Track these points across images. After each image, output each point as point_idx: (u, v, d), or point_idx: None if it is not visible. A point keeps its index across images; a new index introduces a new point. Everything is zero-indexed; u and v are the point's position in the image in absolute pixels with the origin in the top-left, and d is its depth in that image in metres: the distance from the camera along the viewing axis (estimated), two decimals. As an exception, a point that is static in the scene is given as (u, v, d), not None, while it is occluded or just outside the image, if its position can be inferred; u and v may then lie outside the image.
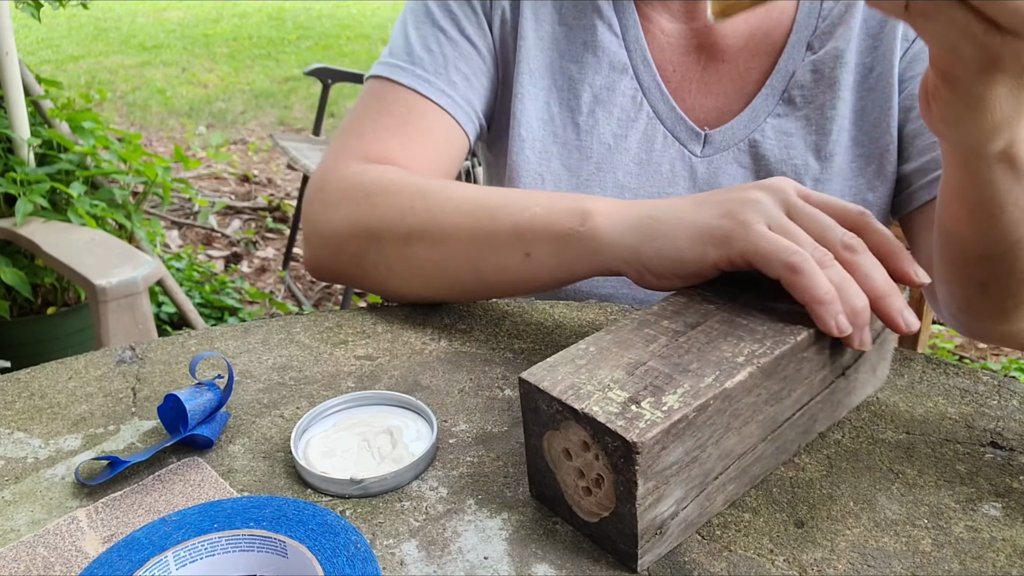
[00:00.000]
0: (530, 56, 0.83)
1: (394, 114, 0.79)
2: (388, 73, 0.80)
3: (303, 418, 0.56)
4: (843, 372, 0.53)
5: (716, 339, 0.48)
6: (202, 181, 3.93)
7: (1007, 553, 0.45)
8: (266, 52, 7.06)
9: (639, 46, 0.81)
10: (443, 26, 0.82)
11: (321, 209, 0.74)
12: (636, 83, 0.82)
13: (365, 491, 0.50)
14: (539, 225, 0.64)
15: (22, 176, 1.94)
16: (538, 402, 0.46)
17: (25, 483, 0.52)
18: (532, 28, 0.83)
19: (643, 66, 0.82)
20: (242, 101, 5.51)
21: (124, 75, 6.25)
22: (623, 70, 0.81)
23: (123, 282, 1.58)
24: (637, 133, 0.82)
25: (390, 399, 0.58)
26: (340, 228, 0.73)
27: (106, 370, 0.65)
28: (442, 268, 0.69)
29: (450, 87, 0.80)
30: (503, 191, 0.69)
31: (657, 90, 0.81)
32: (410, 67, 0.80)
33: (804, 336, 0.48)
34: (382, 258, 0.72)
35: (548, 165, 0.83)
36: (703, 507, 0.46)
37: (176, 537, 0.45)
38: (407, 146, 0.78)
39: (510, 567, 0.44)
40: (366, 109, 0.80)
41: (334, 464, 0.52)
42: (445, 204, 0.68)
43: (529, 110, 0.83)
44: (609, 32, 0.81)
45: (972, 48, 0.45)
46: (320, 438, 0.55)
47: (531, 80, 0.83)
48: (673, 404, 0.42)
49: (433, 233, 0.68)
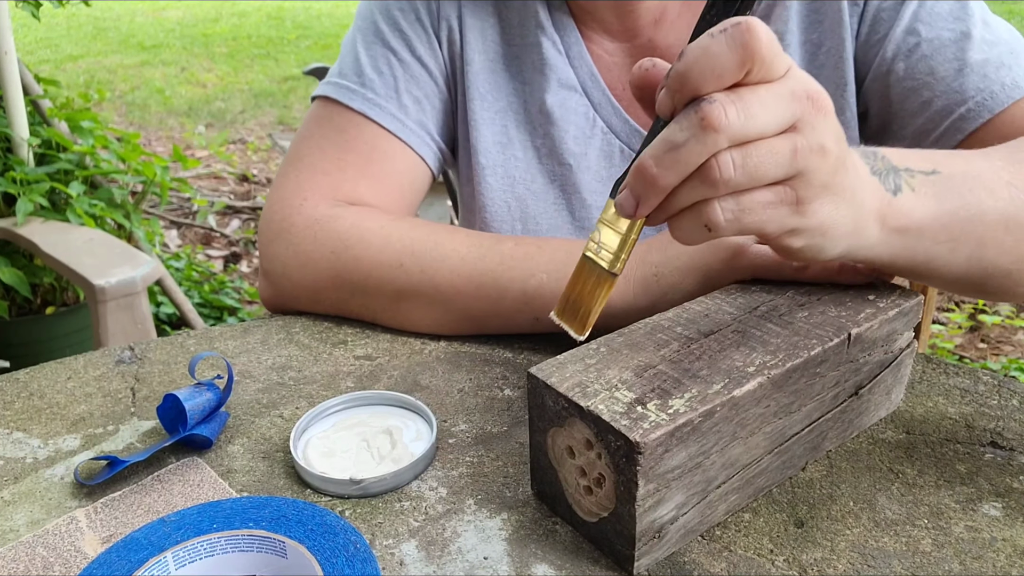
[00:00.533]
0: (479, 80, 0.80)
1: (358, 151, 0.76)
2: (338, 95, 0.78)
3: (302, 418, 0.55)
4: (856, 392, 0.53)
5: (728, 348, 0.48)
6: (201, 181, 3.93)
7: (1007, 553, 0.45)
8: (265, 52, 7.06)
9: (584, 62, 0.79)
10: (394, 46, 0.79)
11: (290, 253, 0.72)
12: (587, 100, 0.79)
13: (364, 491, 0.50)
14: (548, 294, 0.63)
15: (21, 176, 1.94)
16: (544, 398, 0.46)
17: (24, 483, 0.52)
18: (479, 51, 0.80)
19: (591, 82, 0.79)
20: (241, 101, 5.51)
21: (123, 75, 6.24)
22: (572, 87, 0.79)
23: (122, 282, 1.58)
24: (595, 150, 0.80)
25: (389, 399, 0.58)
26: (318, 279, 0.71)
27: (105, 370, 0.65)
28: (439, 323, 0.69)
29: (401, 111, 0.78)
30: (496, 248, 0.67)
31: (608, 105, 0.79)
32: (360, 89, 0.78)
33: (818, 351, 0.48)
34: (366, 310, 0.71)
35: (513, 191, 0.81)
36: (704, 514, 0.46)
37: (175, 537, 0.45)
38: (376, 188, 0.76)
39: (510, 567, 0.44)
40: (324, 140, 0.77)
41: (333, 464, 0.52)
42: (440, 264, 0.67)
43: (486, 136, 0.81)
44: (554, 49, 0.79)
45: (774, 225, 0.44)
46: (319, 438, 0.55)
47: (483, 105, 0.81)
48: (679, 408, 0.42)
49: (428, 293, 0.67)
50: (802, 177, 0.42)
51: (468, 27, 0.80)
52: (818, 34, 0.74)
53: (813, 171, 0.42)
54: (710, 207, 0.42)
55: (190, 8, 9.59)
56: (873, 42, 0.72)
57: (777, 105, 0.41)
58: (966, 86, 0.66)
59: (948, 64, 0.67)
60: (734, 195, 0.42)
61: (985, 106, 0.65)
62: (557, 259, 0.64)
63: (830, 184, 0.44)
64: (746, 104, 0.40)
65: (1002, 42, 0.68)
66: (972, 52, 0.67)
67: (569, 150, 0.80)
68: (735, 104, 0.40)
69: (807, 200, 0.43)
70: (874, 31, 0.72)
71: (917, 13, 0.69)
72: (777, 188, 0.43)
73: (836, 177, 0.44)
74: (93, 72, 6.30)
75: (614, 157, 0.80)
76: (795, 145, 0.41)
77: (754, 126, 0.40)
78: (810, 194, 0.43)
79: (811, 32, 0.74)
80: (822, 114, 0.42)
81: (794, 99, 0.41)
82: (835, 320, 0.51)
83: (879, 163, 0.50)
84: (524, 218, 0.81)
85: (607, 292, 0.46)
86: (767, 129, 0.41)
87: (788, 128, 0.42)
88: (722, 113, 0.39)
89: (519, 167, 0.81)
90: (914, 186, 0.51)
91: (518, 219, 0.81)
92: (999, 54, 0.67)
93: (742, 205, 0.42)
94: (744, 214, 0.42)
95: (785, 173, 0.42)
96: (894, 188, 0.50)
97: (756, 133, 0.40)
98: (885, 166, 0.50)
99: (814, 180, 0.43)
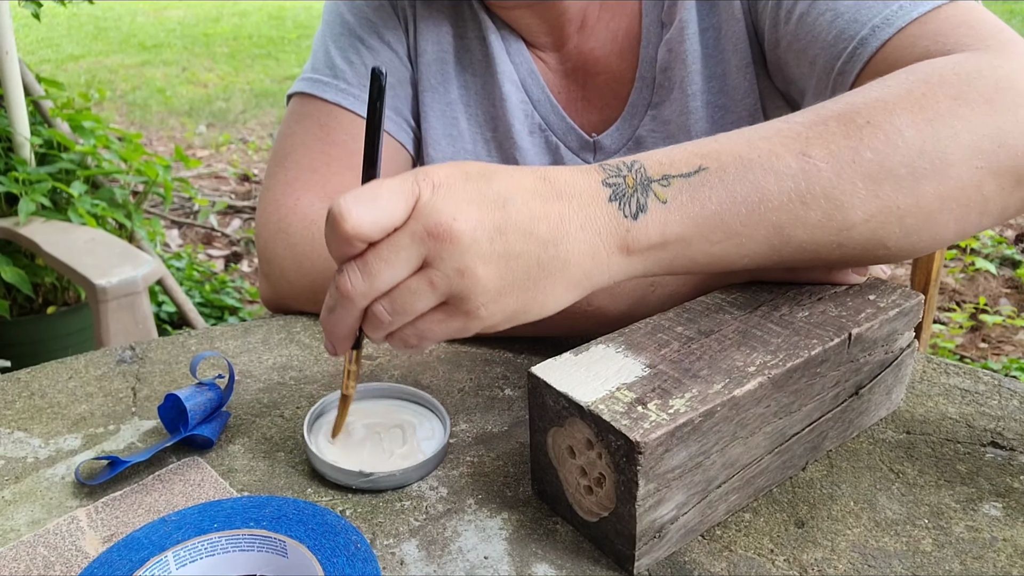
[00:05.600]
0: (430, 71, 0.81)
1: (340, 144, 0.77)
2: (311, 89, 0.78)
3: (317, 403, 0.56)
4: (857, 391, 0.53)
5: (728, 348, 0.48)
6: (202, 180, 3.93)
7: (1008, 553, 0.45)
8: (266, 51, 7.06)
9: (524, 59, 0.80)
10: (360, 35, 0.80)
11: (288, 254, 0.72)
12: (526, 96, 0.80)
13: (372, 484, 0.51)
14: None
15: (23, 176, 1.94)
16: (545, 397, 0.46)
17: (25, 483, 0.52)
18: (432, 41, 0.81)
19: (531, 79, 0.80)
20: (242, 100, 5.51)
21: (124, 74, 6.25)
22: (514, 83, 0.80)
23: (123, 281, 1.58)
24: (536, 146, 0.81)
25: (405, 393, 0.59)
26: (317, 279, 0.71)
27: (106, 370, 0.65)
28: None
29: None
30: None
31: (547, 102, 0.80)
32: (333, 81, 0.78)
33: (818, 351, 0.48)
34: None
35: None
36: (704, 514, 0.46)
37: (176, 537, 0.45)
38: None
39: (510, 567, 0.44)
40: (307, 136, 0.78)
41: (346, 454, 0.53)
42: None
43: (436, 128, 0.81)
44: (499, 44, 0.80)
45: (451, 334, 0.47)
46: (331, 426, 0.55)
47: (434, 97, 0.81)
48: (680, 408, 0.42)
49: None
50: (456, 298, 0.45)
51: (421, 16, 0.81)
52: (717, 19, 0.73)
53: (461, 291, 0.44)
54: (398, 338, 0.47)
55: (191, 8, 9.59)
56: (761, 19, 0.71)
57: (397, 256, 0.44)
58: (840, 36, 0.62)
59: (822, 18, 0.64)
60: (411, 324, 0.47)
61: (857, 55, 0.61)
62: None
63: (498, 284, 0.45)
64: (368, 267, 0.44)
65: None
66: None
67: (516, 143, 0.81)
68: (359, 270, 0.45)
69: (475, 311, 0.45)
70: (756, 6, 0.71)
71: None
72: (445, 307, 0.46)
73: (506, 272, 0.45)
74: (94, 72, 6.30)
75: (552, 152, 0.81)
76: (429, 279, 0.44)
77: (382, 279, 0.44)
78: (474, 308, 0.45)
79: (710, 18, 0.73)
80: (446, 243, 0.44)
81: (415, 241, 0.44)
82: (836, 320, 0.51)
83: (626, 182, 0.48)
84: None
85: (346, 408, 0.53)
86: (397, 276, 0.45)
87: (422, 266, 0.45)
88: (347, 282, 0.45)
89: (468, 159, 0.80)
90: (666, 197, 0.48)
91: None
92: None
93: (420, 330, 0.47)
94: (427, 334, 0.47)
95: (436, 299, 0.45)
96: (636, 210, 0.48)
97: (389, 283, 0.45)
98: (633, 183, 0.48)
99: (469, 296, 0.44)
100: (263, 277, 0.76)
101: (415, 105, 0.83)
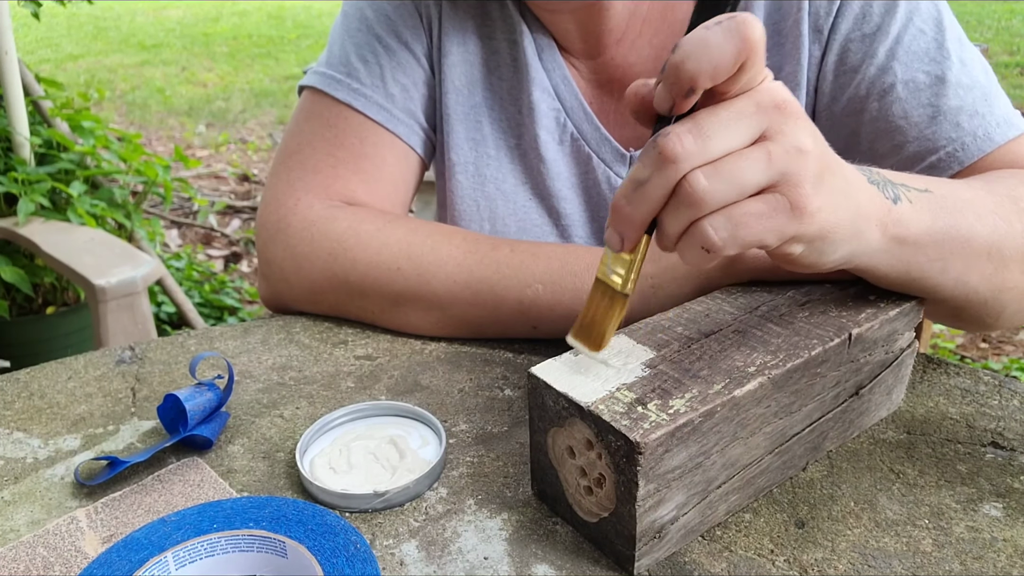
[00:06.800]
0: (455, 73, 0.78)
1: (347, 146, 0.75)
2: (323, 86, 0.77)
3: (301, 439, 0.53)
4: (857, 392, 0.52)
5: (729, 348, 0.48)
6: (202, 180, 3.93)
7: (1008, 553, 0.44)
8: (266, 51, 7.06)
9: (558, 66, 0.77)
10: (379, 32, 0.78)
11: (287, 255, 0.72)
12: (559, 103, 0.77)
13: (388, 503, 0.49)
14: (544, 305, 0.64)
15: (23, 176, 1.94)
16: (545, 398, 0.46)
17: (25, 483, 0.52)
18: (457, 42, 0.78)
19: (564, 86, 0.77)
20: (241, 100, 5.51)
21: (123, 74, 6.25)
22: (545, 90, 0.77)
23: (122, 282, 1.58)
24: (565, 156, 0.78)
25: (385, 408, 0.57)
26: (316, 280, 0.71)
27: (105, 370, 0.65)
28: (437, 327, 0.69)
29: (388, 100, 0.77)
30: (491, 255, 0.66)
31: (580, 110, 0.77)
32: (346, 79, 0.77)
33: (818, 352, 0.48)
34: (365, 312, 0.71)
35: (483, 190, 0.80)
36: (704, 515, 0.46)
37: (176, 537, 0.45)
38: (368, 184, 0.76)
39: (510, 567, 0.44)
40: (314, 136, 0.77)
41: (350, 480, 0.51)
42: (436, 269, 0.67)
43: (458, 131, 0.79)
44: (531, 49, 0.77)
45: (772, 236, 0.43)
46: (322, 457, 0.53)
47: (457, 100, 0.79)
48: (680, 408, 0.42)
49: (426, 298, 0.67)
50: (787, 180, 0.42)
51: (447, 16, 0.79)
52: (779, 58, 0.71)
53: (796, 172, 0.42)
54: (701, 228, 0.42)
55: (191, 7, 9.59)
56: (842, 73, 0.69)
57: (738, 122, 0.40)
58: (938, 135, 0.65)
59: (922, 110, 0.65)
60: (723, 212, 0.41)
61: (955, 158, 0.64)
62: (552, 269, 0.64)
63: (820, 185, 0.43)
64: (702, 128, 0.40)
65: (977, 86, 0.66)
66: (947, 98, 0.65)
67: (541, 154, 0.78)
68: (691, 132, 0.40)
69: (801, 204, 0.42)
70: (843, 62, 0.69)
71: (893, 51, 0.66)
72: (767, 197, 0.42)
73: (825, 178, 0.43)
74: (93, 71, 6.30)
75: (583, 164, 0.78)
76: (767, 150, 0.41)
77: (715, 146, 0.40)
78: (803, 197, 0.42)
79: (771, 55, 0.71)
80: (792, 119, 0.41)
81: (759, 111, 0.41)
82: (836, 320, 0.51)
83: (875, 175, 0.50)
84: (493, 218, 0.80)
85: (620, 312, 0.46)
86: (731, 146, 0.41)
87: (758, 139, 0.41)
88: (677, 143, 0.40)
89: (491, 165, 0.80)
90: (911, 199, 0.50)
91: (487, 219, 0.80)
92: (973, 100, 0.65)
93: (734, 220, 0.41)
94: (739, 229, 0.41)
95: (766, 177, 0.41)
96: (894, 197, 0.49)
97: (719, 152, 0.40)
98: (881, 178, 0.50)
99: (802, 181, 0.42)
100: (262, 277, 0.76)
101: (431, 107, 0.81)
